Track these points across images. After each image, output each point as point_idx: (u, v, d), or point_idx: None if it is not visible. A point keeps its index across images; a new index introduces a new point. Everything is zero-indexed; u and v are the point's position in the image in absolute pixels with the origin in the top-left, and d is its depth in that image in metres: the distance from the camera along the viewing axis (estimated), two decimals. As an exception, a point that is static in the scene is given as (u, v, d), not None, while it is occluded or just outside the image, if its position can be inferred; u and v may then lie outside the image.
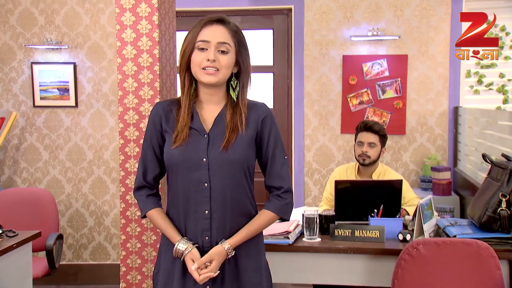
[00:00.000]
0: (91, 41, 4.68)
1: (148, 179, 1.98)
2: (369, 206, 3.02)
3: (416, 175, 4.57)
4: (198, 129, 1.91)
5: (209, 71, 1.86)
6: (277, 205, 1.97)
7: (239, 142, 1.90)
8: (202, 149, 1.89)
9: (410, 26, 4.50)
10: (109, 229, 4.78)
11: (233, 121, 1.90)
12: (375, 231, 2.79)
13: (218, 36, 1.87)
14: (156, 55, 2.51)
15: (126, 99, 2.55)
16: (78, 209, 4.79)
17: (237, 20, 4.71)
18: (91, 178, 4.76)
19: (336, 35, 4.57)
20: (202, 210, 1.89)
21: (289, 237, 2.77)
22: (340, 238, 2.83)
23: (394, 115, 4.54)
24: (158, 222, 1.96)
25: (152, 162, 1.97)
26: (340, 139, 4.63)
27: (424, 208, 2.77)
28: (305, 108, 4.64)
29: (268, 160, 1.97)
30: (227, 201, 1.90)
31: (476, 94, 4.51)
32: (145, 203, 1.99)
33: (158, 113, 1.95)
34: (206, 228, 1.90)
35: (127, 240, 2.76)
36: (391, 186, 3.07)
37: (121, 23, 2.57)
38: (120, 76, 2.54)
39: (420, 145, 4.58)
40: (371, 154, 3.41)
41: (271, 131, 1.97)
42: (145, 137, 1.98)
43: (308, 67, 4.61)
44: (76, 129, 4.74)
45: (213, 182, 1.88)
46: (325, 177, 4.65)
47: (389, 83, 4.53)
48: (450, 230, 2.69)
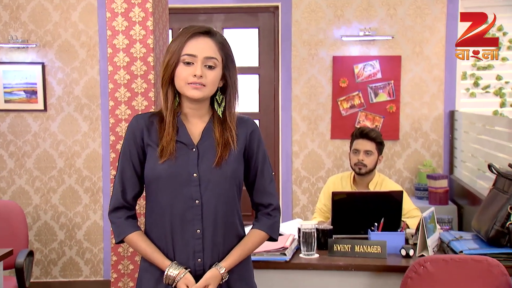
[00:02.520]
0: (61, 40, 4.62)
1: (127, 198, 1.93)
2: (367, 219, 3.03)
3: (410, 183, 4.63)
4: (186, 142, 1.90)
5: (196, 86, 1.86)
6: (267, 224, 2.01)
7: (232, 158, 1.92)
8: (191, 163, 1.88)
9: (403, 26, 4.55)
10: (81, 243, 4.73)
11: (224, 138, 1.91)
12: (376, 246, 2.81)
13: (205, 50, 1.86)
14: (150, 63, 2.49)
15: (118, 109, 2.52)
16: (47, 222, 4.71)
17: (221, 18, 4.71)
18: (61, 188, 4.70)
19: (325, 34, 4.59)
20: (193, 229, 1.88)
21: (285, 254, 2.77)
22: (339, 254, 2.84)
23: (387, 120, 4.59)
24: (142, 247, 1.90)
25: (131, 180, 1.93)
26: (330, 145, 4.66)
27: (427, 221, 2.81)
28: (293, 112, 4.66)
29: (257, 176, 2.01)
30: (218, 219, 1.90)
31: (473, 97, 4.59)
32: (124, 226, 1.93)
33: (139, 126, 1.92)
34: (198, 250, 1.89)
35: (119, 261, 2.73)
36: (391, 198, 3.10)
37: (113, 28, 2.55)
38: (111, 86, 2.51)
39: (414, 151, 4.64)
40: (367, 163, 3.43)
41: (259, 146, 2.01)
42: (123, 152, 1.93)
43: (296, 68, 4.63)
44: (45, 134, 4.67)
45: (204, 199, 1.88)
46: (314, 185, 4.67)
47: (381, 85, 4.58)
48: (455, 245, 2.73)
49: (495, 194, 2.80)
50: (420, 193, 4.46)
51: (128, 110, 2.58)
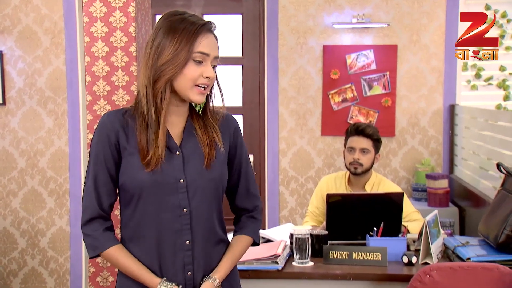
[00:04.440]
0: (21, 25, 4.54)
1: (104, 207, 1.87)
2: (365, 224, 3.04)
3: (407, 183, 4.66)
4: (169, 145, 1.87)
5: (202, 90, 1.84)
6: (253, 229, 2.05)
7: (220, 159, 1.92)
8: (177, 168, 1.86)
9: (400, 12, 4.57)
10: (45, 252, 4.66)
11: (208, 135, 1.90)
12: (376, 253, 2.82)
13: (215, 49, 1.86)
14: (132, 53, 2.46)
15: (97, 104, 2.48)
16: (6, 229, 4.63)
17: (200, 3, 4.69)
18: (22, 191, 4.63)
19: (315, 21, 4.59)
20: (181, 240, 1.86)
21: (278, 262, 2.76)
22: (335, 261, 2.84)
23: (382, 115, 4.61)
24: (126, 262, 1.85)
25: (106, 186, 1.86)
26: (320, 142, 4.66)
27: (431, 225, 2.82)
28: (280, 106, 4.65)
29: (240, 178, 2.02)
30: (207, 227, 1.90)
31: (474, 90, 4.63)
32: (102, 238, 1.86)
33: (113, 127, 1.85)
34: (187, 262, 1.87)
35: (97, 273, 2.69)
36: (391, 200, 3.10)
37: (90, 14, 2.51)
38: (89, 78, 2.47)
39: (412, 148, 4.66)
40: (363, 162, 3.44)
41: (242, 145, 2.03)
42: (94, 156, 1.86)
43: (283, 58, 4.62)
44: (4, 131, 4.59)
45: (193, 207, 1.86)
46: (303, 186, 4.67)
47: (376, 77, 4.59)
48: (461, 251, 2.74)
49: (504, 196, 2.82)
50: (418, 194, 4.48)
51: (107, 106, 2.55)
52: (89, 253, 1.89)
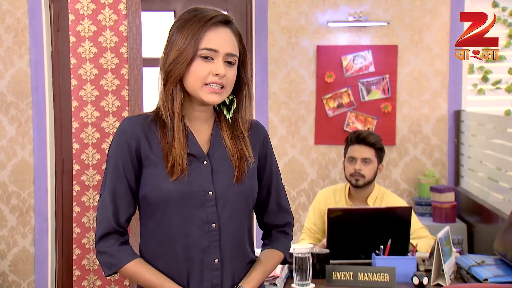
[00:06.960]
0: (-20, 22, 4.52)
1: (120, 221, 1.89)
2: (369, 241, 3.08)
3: (409, 197, 4.71)
4: (196, 153, 1.89)
5: (215, 89, 1.84)
6: (286, 246, 2.08)
7: (251, 173, 1.94)
8: (206, 179, 1.88)
9: (400, 10, 4.63)
10: (5, 276, 4.62)
11: (238, 147, 1.92)
12: (383, 273, 2.84)
13: (227, 44, 1.85)
14: (123, 54, 2.48)
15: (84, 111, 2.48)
16: (-37, 250, 4.60)
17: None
18: (-19, 207, 4.59)
19: (308, 20, 4.63)
20: (210, 259, 1.88)
21: (276, 284, 2.79)
22: (339, 283, 2.86)
23: (381, 121, 4.66)
24: (147, 277, 1.86)
25: (126, 199, 1.89)
26: (313, 152, 4.70)
27: (443, 243, 2.86)
28: (270, 112, 4.68)
29: (271, 192, 2.05)
30: (235, 246, 1.92)
31: (481, 95, 4.70)
32: (120, 253, 1.87)
33: (134, 134, 1.87)
34: (216, 283, 1.89)
35: (83, 277, 2.71)
36: (397, 216, 3.14)
37: (76, 11, 2.52)
38: (75, 82, 2.48)
39: (414, 158, 4.72)
40: (365, 173, 3.48)
41: (272, 156, 2.06)
42: (113, 166, 1.88)
43: (273, 60, 4.65)
44: (-40, 141, 4.56)
45: (222, 222, 1.89)
46: (296, 200, 4.70)
47: (374, 81, 4.65)
48: (477, 271, 2.79)
49: (522, 210, 2.87)
50: (422, 208, 4.53)
51: (95, 112, 2.56)
52: (104, 271, 1.89)
